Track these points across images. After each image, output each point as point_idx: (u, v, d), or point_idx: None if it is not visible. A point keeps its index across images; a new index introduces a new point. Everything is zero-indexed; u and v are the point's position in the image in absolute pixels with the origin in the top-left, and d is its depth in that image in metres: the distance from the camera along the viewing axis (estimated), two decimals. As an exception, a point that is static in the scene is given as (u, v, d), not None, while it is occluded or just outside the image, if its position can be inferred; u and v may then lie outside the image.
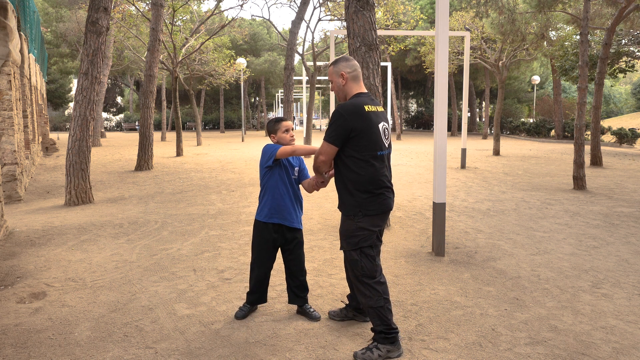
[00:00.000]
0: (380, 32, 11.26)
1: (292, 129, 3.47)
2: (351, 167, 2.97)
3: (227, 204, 8.09)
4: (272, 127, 3.47)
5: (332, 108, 11.67)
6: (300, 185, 3.56)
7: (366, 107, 2.96)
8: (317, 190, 3.39)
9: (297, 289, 3.53)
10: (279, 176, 3.42)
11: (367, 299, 2.97)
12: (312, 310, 3.54)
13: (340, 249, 3.11)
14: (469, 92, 31.74)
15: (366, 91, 3.13)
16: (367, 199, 2.97)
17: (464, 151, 13.38)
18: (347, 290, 4.00)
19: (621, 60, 19.59)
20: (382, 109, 3.15)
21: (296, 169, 3.50)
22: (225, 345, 3.13)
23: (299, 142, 24.87)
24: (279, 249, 3.57)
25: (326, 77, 24.59)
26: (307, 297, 3.61)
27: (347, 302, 3.48)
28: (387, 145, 3.08)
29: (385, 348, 2.94)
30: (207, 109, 50.31)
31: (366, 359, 2.89)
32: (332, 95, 11.80)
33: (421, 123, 45.43)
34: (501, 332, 3.30)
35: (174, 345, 3.13)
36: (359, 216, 2.98)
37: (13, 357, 2.98)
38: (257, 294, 3.55)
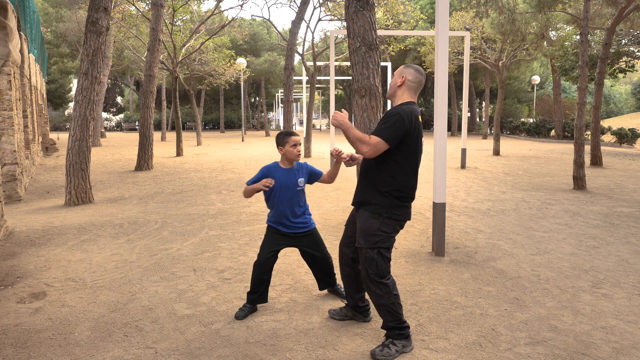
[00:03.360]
0: (380, 32, 11.25)
1: (300, 144, 3.55)
2: (392, 170, 3.00)
3: (227, 204, 8.09)
4: (280, 140, 3.54)
5: (332, 108, 11.65)
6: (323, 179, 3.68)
7: (419, 118, 3.05)
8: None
9: (325, 276, 3.79)
10: (276, 192, 3.56)
11: (378, 298, 3.02)
12: (341, 288, 3.82)
13: (357, 245, 3.11)
14: (469, 92, 31.74)
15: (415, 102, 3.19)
16: (397, 204, 3.03)
17: (464, 151, 13.39)
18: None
19: (621, 60, 19.59)
20: None
21: (300, 180, 3.59)
22: (225, 345, 3.13)
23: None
24: (299, 251, 3.79)
25: (326, 77, 24.63)
26: (335, 279, 3.87)
27: (346, 302, 3.49)
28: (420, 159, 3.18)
29: (400, 343, 3.00)
30: (207, 109, 50.31)
31: (385, 355, 2.92)
32: (332, 95, 11.79)
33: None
34: (501, 332, 3.30)
35: (174, 345, 3.13)
36: (384, 217, 3.02)
37: (13, 357, 2.98)
38: (257, 293, 3.59)
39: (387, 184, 3.01)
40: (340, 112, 3.13)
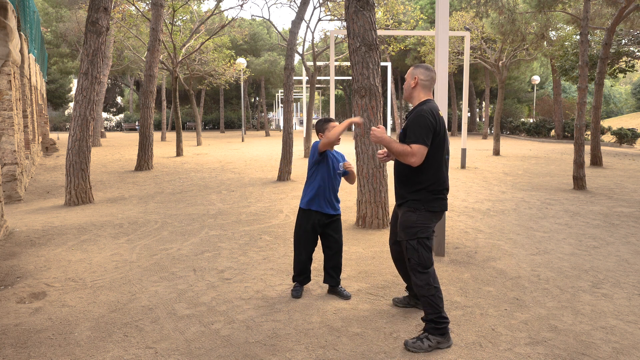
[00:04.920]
0: (380, 32, 11.25)
1: None
2: (422, 168, 3.14)
3: (227, 204, 8.09)
4: (320, 126, 3.77)
5: (332, 108, 11.65)
6: (345, 179, 3.96)
7: (440, 112, 3.21)
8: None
9: (332, 270, 3.89)
10: (325, 170, 3.76)
11: (419, 289, 3.14)
12: (343, 290, 3.91)
13: (398, 239, 3.28)
14: (469, 92, 31.74)
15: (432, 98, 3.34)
16: (432, 198, 3.16)
17: (464, 151, 13.38)
18: (350, 289, 4.01)
19: (621, 60, 19.59)
20: None
21: (341, 164, 3.82)
22: (225, 345, 3.13)
23: (298, 142, 24.87)
24: (319, 235, 3.93)
25: (326, 77, 24.63)
26: (340, 280, 3.97)
27: (409, 292, 3.70)
28: (448, 150, 3.30)
29: (435, 339, 3.05)
30: (207, 109, 50.30)
31: (417, 347, 2.99)
32: (332, 95, 11.79)
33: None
34: (501, 332, 3.30)
35: (174, 345, 3.13)
36: (421, 210, 3.16)
37: (13, 357, 2.98)
38: (303, 275, 3.92)
39: (420, 181, 3.15)
40: (377, 127, 3.26)
